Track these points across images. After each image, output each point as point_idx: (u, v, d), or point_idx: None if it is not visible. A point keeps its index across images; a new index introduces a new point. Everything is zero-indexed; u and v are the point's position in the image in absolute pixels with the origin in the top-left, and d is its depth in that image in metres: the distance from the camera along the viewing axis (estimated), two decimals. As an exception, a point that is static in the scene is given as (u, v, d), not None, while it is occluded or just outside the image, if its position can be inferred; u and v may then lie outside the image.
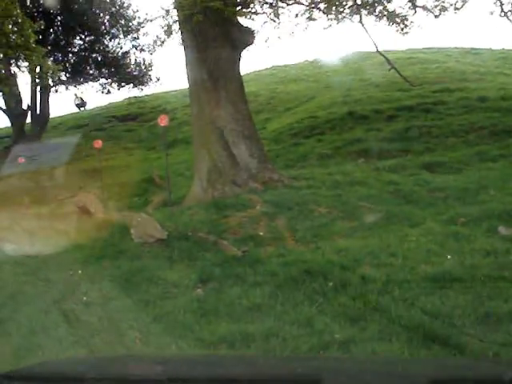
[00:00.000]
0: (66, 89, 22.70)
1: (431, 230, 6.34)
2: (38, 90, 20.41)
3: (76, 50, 21.78)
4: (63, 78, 21.18)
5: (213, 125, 9.52)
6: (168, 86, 37.60)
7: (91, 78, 22.54)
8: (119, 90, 23.18)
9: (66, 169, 14.36)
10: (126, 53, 22.52)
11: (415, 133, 12.39)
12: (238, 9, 10.07)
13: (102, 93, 23.18)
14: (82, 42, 21.78)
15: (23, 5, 14.42)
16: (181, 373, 1.98)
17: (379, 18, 12.43)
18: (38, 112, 20.78)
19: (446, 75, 17.69)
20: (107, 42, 22.13)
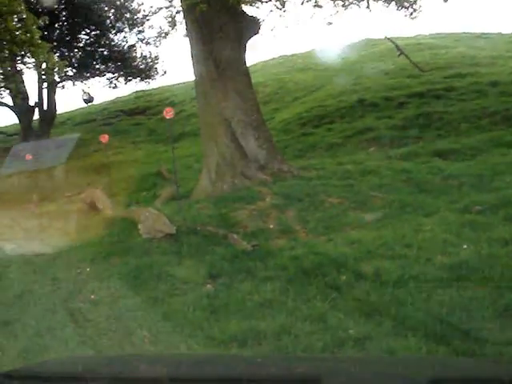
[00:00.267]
0: (73, 84, 22.61)
1: (446, 219, 6.15)
2: (45, 86, 20.39)
3: (81, 44, 21.67)
4: (69, 73, 21.13)
5: (220, 116, 9.36)
6: (175, 79, 37.62)
7: (98, 73, 22.44)
8: (126, 84, 23.08)
9: (74, 165, 14.32)
10: (132, 46, 22.38)
11: (427, 119, 12.15)
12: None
13: (109, 87, 23.17)
14: (87, 36, 21.68)
15: (27, 0, 14.27)
16: (181, 373, 1.99)
17: (387, 2, 12.14)
18: (45, 108, 20.79)
19: (456, 60, 17.32)
20: (113, 36, 21.98)
